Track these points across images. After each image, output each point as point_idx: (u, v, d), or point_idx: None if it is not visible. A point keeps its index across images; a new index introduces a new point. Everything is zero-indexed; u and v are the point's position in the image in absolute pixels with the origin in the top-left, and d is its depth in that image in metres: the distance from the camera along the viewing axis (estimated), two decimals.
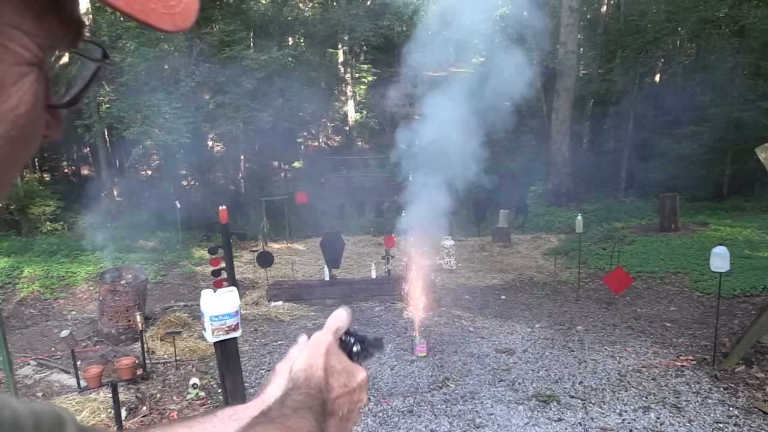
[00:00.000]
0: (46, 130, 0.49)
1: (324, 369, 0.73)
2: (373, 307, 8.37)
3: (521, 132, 21.24)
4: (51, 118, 0.49)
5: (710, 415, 4.63)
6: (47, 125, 0.49)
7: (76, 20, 0.46)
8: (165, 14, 0.45)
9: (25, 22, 0.41)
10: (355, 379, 0.77)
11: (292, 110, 18.59)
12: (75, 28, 0.46)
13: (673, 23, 18.21)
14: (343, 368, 0.76)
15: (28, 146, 0.46)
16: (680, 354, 6.06)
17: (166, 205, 14.21)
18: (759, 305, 6.59)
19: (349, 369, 0.77)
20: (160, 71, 15.13)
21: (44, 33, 0.43)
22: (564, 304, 8.35)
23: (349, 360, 0.79)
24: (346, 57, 24.81)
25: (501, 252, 12.39)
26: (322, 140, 26.85)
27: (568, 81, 17.54)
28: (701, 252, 10.01)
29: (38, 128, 0.46)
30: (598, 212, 16.07)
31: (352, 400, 0.75)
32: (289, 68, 17.19)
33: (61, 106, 0.50)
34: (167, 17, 0.46)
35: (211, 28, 16.87)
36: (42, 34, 0.42)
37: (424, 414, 4.86)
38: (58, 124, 0.50)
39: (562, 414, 4.77)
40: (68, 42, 0.46)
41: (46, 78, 0.46)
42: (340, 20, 21.26)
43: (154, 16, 0.44)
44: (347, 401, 0.74)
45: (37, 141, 0.47)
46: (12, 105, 0.42)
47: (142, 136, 14.28)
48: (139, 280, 7.56)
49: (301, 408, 0.65)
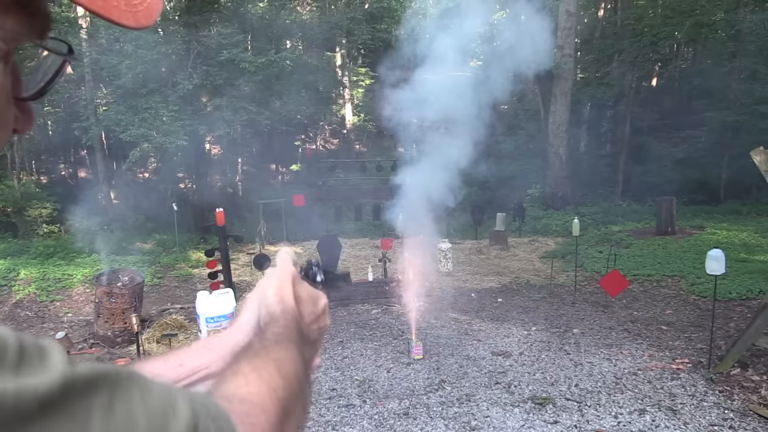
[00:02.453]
0: (15, 124, 0.49)
1: (293, 298, 0.75)
2: (369, 310, 8.37)
3: (518, 135, 21.28)
4: (19, 112, 0.50)
5: (705, 418, 4.64)
6: (16, 119, 0.49)
7: (42, 14, 0.46)
8: (127, 12, 0.46)
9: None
10: (319, 302, 0.80)
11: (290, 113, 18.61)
12: (41, 21, 0.46)
13: (669, 27, 18.28)
14: (308, 296, 0.79)
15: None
16: (676, 357, 6.07)
17: (163, 207, 14.21)
18: (755, 308, 6.60)
19: (313, 296, 0.80)
20: (157, 74, 15.13)
21: (9, 26, 0.43)
22: (560, 307, 8.35)
23: (312, 287, 0.82)
24: (343, 60, 24.83)
25: (498, 255, 12.40)
26: (320, 143, 26.86)
27: (565, 84, 17.57)
28: (698, 255, 10.02)
29: (5, 120, 0.47)
30: (595, 216, 16.09)
31: (320, 324, 0.79)
32: (286, 71, 17.21)
33: (27, 98, 0.50)
34: (130, 15, 0.47)
35: (208, 30, 16.89)
36: (7, 28, 0.43)
37: (420, 416, 4.86)
38: (27, 119, 0.51)
39: (557, 417, 4.77)
40: (34, 35, 0.47)
41: (13, 71, 0.47)
42: (338, 23, 21.30)
43: (116, 13, 0.46)
44: (316, 327, 0.78)
45: (5, 131, 0.48)
46: None
47: (140, 138, 14.28)
48: (136, 283, 7.55)
49: (282, 340, 0.66)
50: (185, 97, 14.78)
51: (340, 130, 26.51)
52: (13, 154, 16.40)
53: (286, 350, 0.64)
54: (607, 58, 20.86)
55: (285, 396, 0.58)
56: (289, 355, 0.64)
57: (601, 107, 22.28)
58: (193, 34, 15.66)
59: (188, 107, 14.88)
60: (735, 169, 17.58)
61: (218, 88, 15.79)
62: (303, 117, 20.94)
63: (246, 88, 16.11)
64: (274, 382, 0.58)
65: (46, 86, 0.52)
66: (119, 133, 14.55)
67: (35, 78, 0.52)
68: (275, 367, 0.61)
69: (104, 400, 0.37)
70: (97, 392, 0.36)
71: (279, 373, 0.60)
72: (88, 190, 16.75)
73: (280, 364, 0.61)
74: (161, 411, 0.41)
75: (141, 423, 0.38)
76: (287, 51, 19.43)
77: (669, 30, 18.19)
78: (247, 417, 0.52)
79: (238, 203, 18.09)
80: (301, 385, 0.64)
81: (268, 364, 0.60)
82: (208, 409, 0.46)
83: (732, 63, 18.23)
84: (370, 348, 6.67)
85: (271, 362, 0.61)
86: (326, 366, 6.12)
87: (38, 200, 15.45)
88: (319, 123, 25.11)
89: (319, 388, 5.51)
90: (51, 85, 0.52)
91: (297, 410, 0.61)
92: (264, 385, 0.57)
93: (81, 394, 0.35)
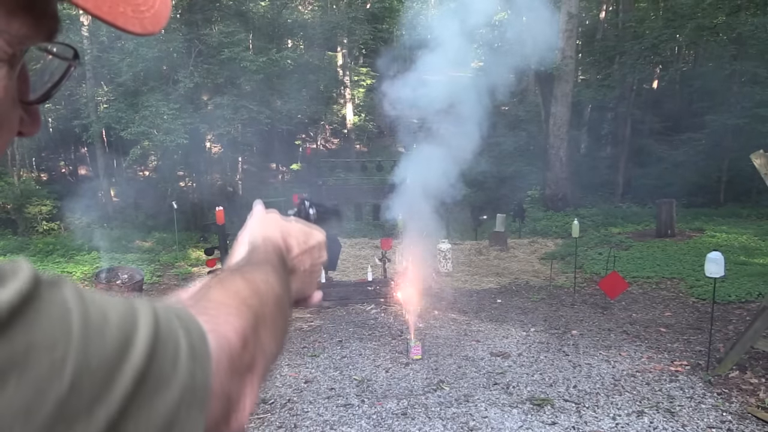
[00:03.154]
0: (21, 126, 0.49)
1: (280, 231, 0.78)
2: (369, 310, 8.37)
3: (519, 137, 21.27)
4: (26, 115, 0.50)
5: (703, 420, 4.64)
6: (22, 122, 0.49)
7: (49, 17, 0.46)
8: (134, 18, 0.46)
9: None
10: (312, 237, 0.83)
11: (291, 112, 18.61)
12: (48, 24, 0.46)
13: (671, 30, 18.28)
14: (299, 229, 0.82)
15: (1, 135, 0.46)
16: (674, 359, 6.07)
17: (163, 205, 14.20)
18: (754, 311, 6.60)
19: (305, 230, 0.83)
20: (158, 72, 15.14)
21: (15, 30, 0.42)
22: (559, 308, 8.35)
23: (305, 224, 0.86)
24: (345, 60, 24.83)
25: (498, 256, 12.40)
26: (321, 143, 26.85)
27: (566, 86, 17.57)
28: (697, 258, 10.02)
29: (10, 120, 0.47)
30: (595, 217, 16.09)
31: (313, 256, 0.82)
32: (287, 70, 17.21)
33: (33, 102, 0.50)
34: (136, 21, 0.46)
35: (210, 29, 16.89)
36: (12, 31, 0.42)
37: (418, 417, 4.86)
38: (34, 122, 0.51)
39: (555, 418, 4.77)
40: (41, 39, 0.46)
41: (22, 74, 0.47)
42: (339, 23, 21.29)
43: (122, 19, 0.45)
44: (308, 258, 0.81)
45: (9, 132, 0.48)
46: None
47: (140, 136, 14.29)
48: (135, 281, 7.56)
49: (261, 264, 0.68)
50: (186, 95, 14.78)
51: (341, 129, 26.50)
52: (13, 151, 16.38)
53: (261, 272, 0.66)
54: (608, 60, 20.86)
55: (255, 304, 0.58)
56: (262, 274, 0.65)
57: (601, 109, 22.28)
58: (194, 32, 15.67)
59: (189, 105, 14.88)
60: (735, 172, 17.59)
61: (219, 87, 15.81)
62: (304, 116, 20.94)
63: (247, 87, 16.11)
64: (240, 289, 0.59)
65: (52, 90, 0.52)
66: (120, 130, 14.57)
67: (41, 81, 0.52)
68: (242, 278, 0.61)
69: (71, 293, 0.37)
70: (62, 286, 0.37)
71: (246, 283, 0.61)
72: (88, 188, 16.73)
73: (250, 278, 0.62)
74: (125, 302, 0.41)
75: (112, 317, 0.38)
76: (288, 50, 19.42)
77: (670, 33, 18.19)
78: (206, 311, 0.52)
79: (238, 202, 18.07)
80: (278, 301, 0.64)
81: (235, 277, 0.62)
82: (169, 307, 0.46)
83: (733, 66, 18.22)
84: (369, 348, 6.67)
85: (238, 276, 0.62)
86: (325, 365, 6.13)
87: (38, 197, 15.46)
88: (319, 122, 25.09)
89: (317, 388, 5.52)
90: (56, 88, 0.52)
91: (271, 321, 0.61)
92: (229, 291, 0.58)
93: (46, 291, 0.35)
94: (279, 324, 0.64)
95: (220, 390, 0.48)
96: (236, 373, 0.52)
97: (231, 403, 0.51)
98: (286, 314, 0.68)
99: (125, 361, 0.37)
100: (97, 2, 0.43)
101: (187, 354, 0.43)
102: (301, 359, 6.34)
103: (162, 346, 0.40)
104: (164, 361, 0.40)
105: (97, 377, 0.35)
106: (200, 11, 16.34)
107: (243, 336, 0.53)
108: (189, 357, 0.43)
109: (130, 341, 0.38)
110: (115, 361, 0.37)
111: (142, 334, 0.39)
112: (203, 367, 0.45)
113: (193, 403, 0.42)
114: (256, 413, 4.98)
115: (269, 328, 0.60)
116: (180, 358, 0.42)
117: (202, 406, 0.44)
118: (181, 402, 0.41)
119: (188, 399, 0.42)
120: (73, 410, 0.33)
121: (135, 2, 0.46)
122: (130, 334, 0.38)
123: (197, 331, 0.46)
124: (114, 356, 0.37)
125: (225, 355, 0.49)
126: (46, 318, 0.33)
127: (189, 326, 0.45)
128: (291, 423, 4.80)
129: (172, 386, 0.40)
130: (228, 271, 0.65)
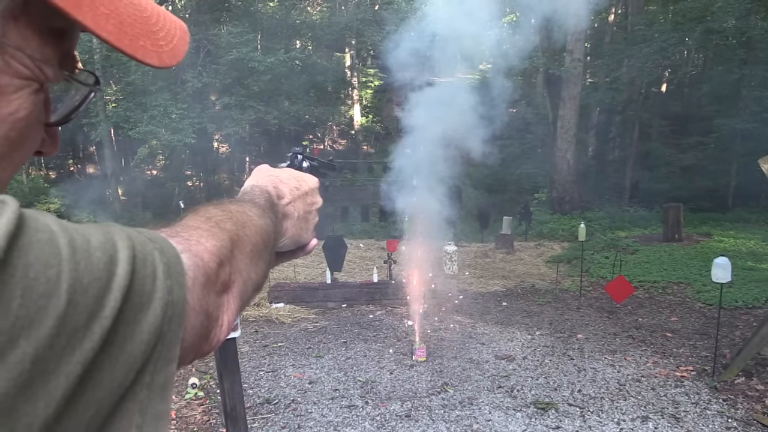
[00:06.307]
0: (41, 146, 0.54)
1: (270, 179, 0.82)
2: (374, 311, 8.38)
3: (526, 139, 21.24)
4: (47, 137, 0.54)
5: (709, 426, 4.62)
6: (43, 142, 0.53)
7: (72, 55, 0.51)
8: (152, 51, 0.50)
9: (29, 46, 0.45)
10: (306, 183, 0.86)
11: (298, 113, 18.65)
12: (71, 60, 0.51)
13: (680, 33, 18.18)
14: (290, 175, 0.85)
15: (25, 147, 0.50)
16: (680, 364, 6.04)
17: (171, 205, 14.27)
18: (760, 317, 6.56)
19: (297, 176, 0.86)
20: (166, 72, 15.19)
21: (44, 58, 0.47)
22: (565, 312, 8.33)
23: (297, 171, 0.88)
24: (353, 61, 24.86)
25: (503, 259, 12.38)
26: (328, 144, 26.90)
27: (574, 89, 17.53)
28: (704, 263, 9.97)
29: (34, 135, 0.51)
30: (602, 221, 16.04)
31: (306, 201, 0.85)
32: (295, 71, 17.25)
33: (53, 124, 0.54)
34: (155, 54, 0.50)
35: (218, 29, 16.95)
36: (42, 59, 0.46)
37: (422, 419, 4.86)
38: (53, 143, 0.55)
39: (560, 422, 4.76)
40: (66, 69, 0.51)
41: (46, 98, 0.51)
42: (347, 24, 21.33)
43: (141, 52, 0.49)
44: (302, 203, 0.83)
45: (32, 146, 0.51)
46: (12, 110, 0.46)
47: (148, 135, 14.37)
48: None
49: (241, 201, 0.72)
50: (194, 95, 14.85)
51: (348, 130, 26.55)
52: None
53: (236, 203, 0.69)
54: (617, 63, 20.77)
55: (230, 228, 0.61)
56: (238, 206, 0.68)
57: (609, 112, 22.22)
58: (203, 32, 15.73)
59: (197, 105, 14.95)
60: (743, 176, 17.50)
61: (227, 87, 15.87)
62: (311, 117, 21.00)
63: (255, 87, 16.18)
64: (214, 215, 0.62)
65: (71, 113, 0.56)
66: (128, 130, 14.66)
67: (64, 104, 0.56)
68: (215, 207, 0.64)
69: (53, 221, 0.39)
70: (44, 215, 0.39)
71: (220, 211, 0.63)
72: (96, 186, 16.84)
73: (224, 207, 0.65)
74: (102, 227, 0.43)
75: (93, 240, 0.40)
76: (297, 51, 19.48)
77: (679, 36, 18.09)
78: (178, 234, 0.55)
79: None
80: (259, 231, 0.67)
81: (209, 207, 0.64)
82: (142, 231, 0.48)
83: (742, 70, 18.13)
84: (374, 349, 6.67)
85: (212, 206, 0.65)
86: (329, 366, 6.14)
87: (46, 195, 15.56)
88: (327, 123, 25.15)
89: (321, 389, 5.52)
90: (76, 112, 0.56)
91: (251, 247, 0.63)
92: (202, 217, 0.61)
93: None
94: (260, 253, 0.66)
95: (198, 305, 0.51)
96: (212, 289, 0.54)
97: (210, 320, 0.54)
98: (269, 245, 0.70)
99: (112, 279, 0.39)
100: (119, 36, 0.47)
101: (164, 271, 0.45)
102: (306, 360, 6.35)
103: (141, 265, 0.42)
104: (145, 279, 0.42)
105: (90, 294, 0.37)
106: (209, 11, 16.40)
107: (217, 255, 0.56)
108: (165, 274, 0.45)
109: (114, 260, 0.40)
110: (104, 278, 0.39)
111: (122, 255, 0.41)
112: (179, 282, 0.47)
113: (173, 317, 0.45)
114: (260, 413, 5.00)
115: (247, 254, 0.63)
116: (158, 276, 0.44)
117: (180, 320, 0.46)
118: (163, 317, 0.43)
119: (169, 314, 0.44)
120: (71, 325, 0.36)
121: (155, 37, 0.50)
122: (113, 253, 0.41)
123: (170, 251, 0.48)
124: (102, 274, 0.39)
125: (200, 273, 0.52)
126: (36, 242, 0.35)
127: (162, 247, 0.47)
128: (295, 423, 4.81)
129: (154, 302, 0.43)
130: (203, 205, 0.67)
